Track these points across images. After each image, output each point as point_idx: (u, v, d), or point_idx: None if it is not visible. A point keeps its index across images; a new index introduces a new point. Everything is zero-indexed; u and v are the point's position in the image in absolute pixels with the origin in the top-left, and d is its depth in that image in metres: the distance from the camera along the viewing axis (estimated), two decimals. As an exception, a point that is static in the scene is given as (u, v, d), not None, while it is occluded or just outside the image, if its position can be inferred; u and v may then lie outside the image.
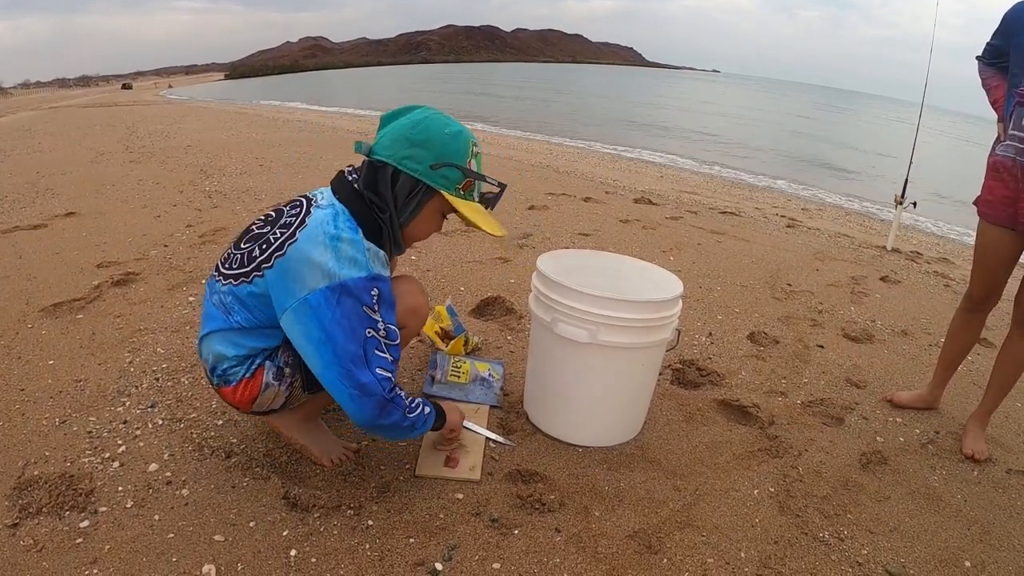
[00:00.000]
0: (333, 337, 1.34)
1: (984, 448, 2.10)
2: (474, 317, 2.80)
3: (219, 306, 1.50)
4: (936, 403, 2.38)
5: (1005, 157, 1.94)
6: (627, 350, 1.80)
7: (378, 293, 1.39)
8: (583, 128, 16.19)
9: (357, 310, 1.36)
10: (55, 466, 1.66)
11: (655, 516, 1.66)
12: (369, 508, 1.59)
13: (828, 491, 1.84)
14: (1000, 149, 1.97)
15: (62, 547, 1.41)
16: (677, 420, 2.12)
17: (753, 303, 3.31)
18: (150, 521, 1.50)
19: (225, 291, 1.49)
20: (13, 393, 1.99)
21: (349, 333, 1.35)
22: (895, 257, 4.81)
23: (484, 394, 2.12)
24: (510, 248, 3.81)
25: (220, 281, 1.51)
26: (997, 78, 2.05)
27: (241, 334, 1.49)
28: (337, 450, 1.75)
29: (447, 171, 1.45)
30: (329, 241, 1.37)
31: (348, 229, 1.40)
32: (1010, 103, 1.93)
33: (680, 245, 4.31)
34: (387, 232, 1.49)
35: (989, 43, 2.06)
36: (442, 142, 1.45)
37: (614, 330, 1.74)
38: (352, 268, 1.37)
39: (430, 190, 1.48)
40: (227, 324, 1.49)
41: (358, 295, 1.36)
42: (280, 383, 1.53)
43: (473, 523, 1.57)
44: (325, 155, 6.78)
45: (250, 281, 1.44)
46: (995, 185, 1.99)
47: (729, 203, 6.59)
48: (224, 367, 1.51)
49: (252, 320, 1.47)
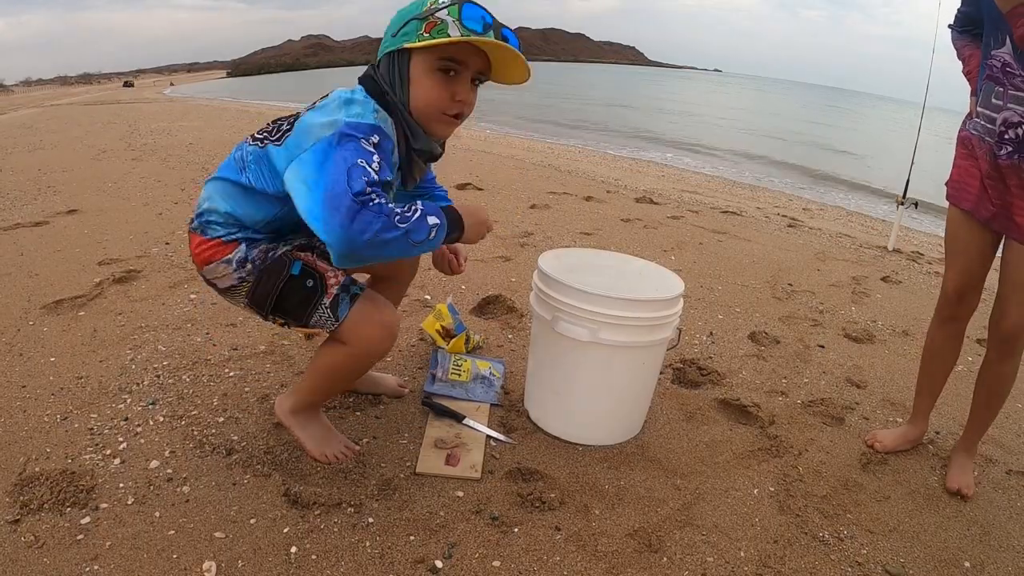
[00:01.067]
0: (325, 173, 1.29)
1: (971, 482, 1.92)
2: (475, 315, 2.80)
3: (238, 161, 1.53)
4: (922, 437, 2.14)
5: (973, 134, 1.81)
6: (628, 349, 1.80)
7: (377, 140, 1.37)
8: (585, 127, 16.18)
9: (355, 147, 1.32)
10: (56, 463, 1.66)
11: (655, 515, 1.66)
12: (369, 506, 1.59)
13: (828, 491, 1.84)
14: (970, 124, 1.83)
15: (63, 543, 1.42)
16: (677, 419, 2.13)
17: (754, 303, 3.31)
18: (151, 518, 1.51)
19: (250, 150, 1.51)
20: (14, 390, 2.00)
21: (340, 166, 1.28)
22: (896, 258, 4.81)
23: (485, 392, 2.12)
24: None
25: (248, 143, 1.54)
26: (971, 47, 1.89)
27: (244, 194, 1.52)
28: (335, 447, 1.74)
29: (406, 28, 1.43)
30: (343, 102, 1.43)
31: (362, 95, 1.45)
32: (980, 76, 1.79)
33: (681, 244, 4.31)
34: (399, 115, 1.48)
35: (960, 10, 1.91)
36: (401, 12, 1.46)
37: (615, 329, 1.74)
38: (356, 117, 1.38)
39: (403, 53, 1.45)
40: (237, 178, 1.52)
41: (356, 134, 1.34)
42: (237, 270, 1.54)
43: (473, 521, 1.57)
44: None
45: (279, 143, 1.45)
46: (962, 164, 1.86)
47: (731, 203, 6.59)
48: (211, 217, 1.54)
49: (261, 183, 1.49)
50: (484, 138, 11.08)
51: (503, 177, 6.11)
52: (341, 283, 1.52)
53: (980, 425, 1.98)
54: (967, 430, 2.00)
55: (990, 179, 1.76)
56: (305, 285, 1.51)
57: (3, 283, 2.83)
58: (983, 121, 1.76)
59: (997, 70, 1.69)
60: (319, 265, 1.54)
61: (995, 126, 1.71)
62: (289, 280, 1.51)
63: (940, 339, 2.02)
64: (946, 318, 1.98)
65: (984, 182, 1.78)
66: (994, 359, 1.88)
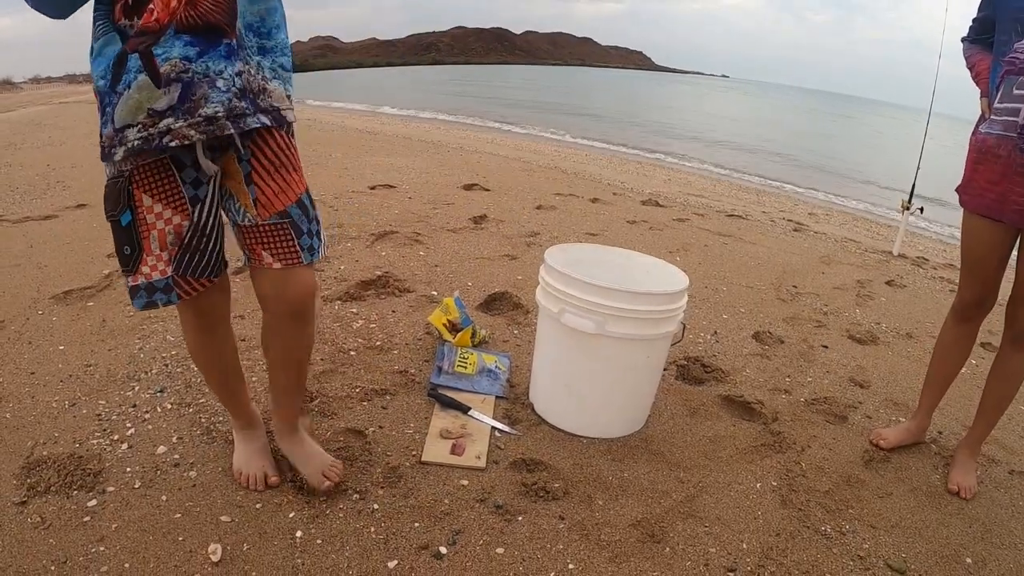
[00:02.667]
0: None
1: (973, 484, 1.91)
2: (481, 311, 2.81)
3: None
4: (924, 434, 2.14)
5: (989, 135, 1.75)
6: (633, 342, 1.81)
7: None
8: (591, 130, 16.21)
9: None
10: (64, 447, 1.68)
11: (658, 506, 1.67)
12: (375, 493, 1.60)
13: (830, 486, 1.85)
14: (984, 127, 1.78)
15: (69, 525, 1.43)
16: (681, 414, 2.13)
17: (758, 304, 3.32)
18: (157, 501, 1.52)
19: None
20: (23, 376, 2.02)
21: None
22: (901, 262, 4.81)
23: (490, 385, 2.13)
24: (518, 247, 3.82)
25: None
26: (981, 53, 1.88)
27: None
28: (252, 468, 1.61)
29: None
30: None
31: None
32: (996, 74, 1.74)
33: (687, 246, 4.32)
34: None
35: (975, 19, 1.90)
36: None
37: (621, 321, 1.76)
38: None
39: None
40: None
41: None
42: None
43: (478, 509, 1.59)
44: (333, 153, 6.80)
45: None
46: (978, 168, 1.80)
47: (736, 206, 6.59)
48: None
49: None
50: (490, 140, 11.10)
51: (510, 178, 6.12)
52: (151, 281, 1.35)
53: (987, 424, 1.97)
54: (973, 429, 2.00)
55: (1018, 175, 1.69)
56: (123, 250, 1.32)
57: (13, 274, 2.86)
58: (1005, 116, 1.70)
59: (1021, 61, 1.65)
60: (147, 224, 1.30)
61: (1019, 118, 1.66)
62: (116, 227, 1.31)
63: (953, 337, 2.02)
64: (961, 319, 1.98)
65: (1009, 181, 1.71)
66: (1008, 351, 1.90)
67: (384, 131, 10.29)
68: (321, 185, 4.90)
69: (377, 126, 11.40)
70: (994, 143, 1.73)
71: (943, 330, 2.06)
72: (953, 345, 2.03)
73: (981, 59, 1.86)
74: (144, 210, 1.28)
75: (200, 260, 1.37)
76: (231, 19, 1.21)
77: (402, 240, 3.68)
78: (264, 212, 1.35)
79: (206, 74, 1.19)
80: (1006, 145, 1.70)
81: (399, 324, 2.57)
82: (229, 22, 1.20)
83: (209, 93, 1.20)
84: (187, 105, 1.19)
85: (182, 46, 1.17)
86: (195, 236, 1.35)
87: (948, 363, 2.06)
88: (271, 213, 1.35)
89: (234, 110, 1.23)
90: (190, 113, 1.19)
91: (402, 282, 3.00)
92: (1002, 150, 1.71)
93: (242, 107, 1.25)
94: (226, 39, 1.21)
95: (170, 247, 1.32)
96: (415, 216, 4.27)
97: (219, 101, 1.21)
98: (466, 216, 4.38)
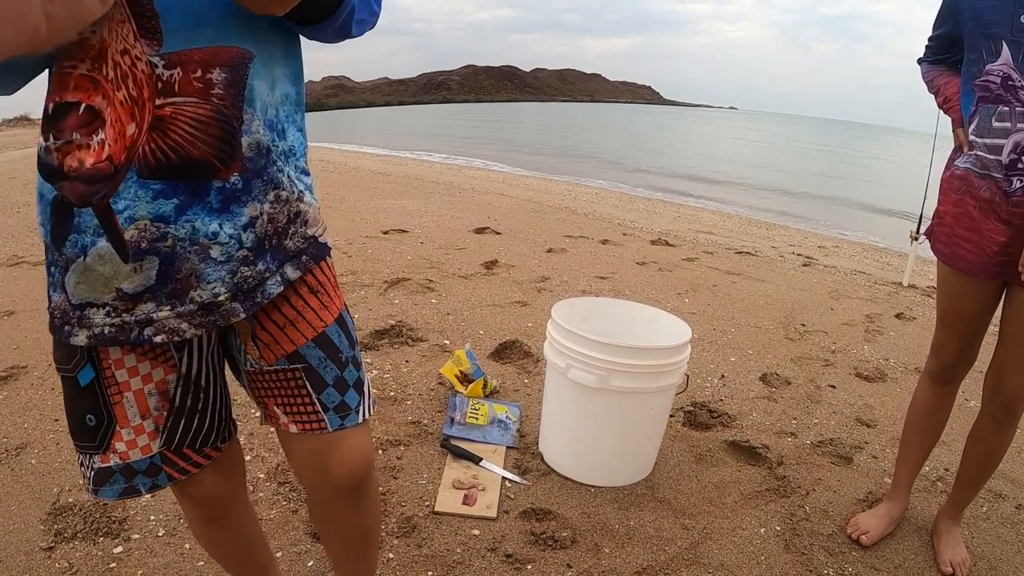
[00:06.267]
0: None
1: (966, 557, 1.74)
2: (492, 360, 2.89)
3: None
4: (902, 514, 1.91)
5: (970, 171, 1.51)
6: (637, 394, 1.88)
7: None
8: (601, 168, 16.41)
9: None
10: (89, 494, 1.77)
11: (663, 553, 1.73)
12: (390, 542, 1.68)
13: (834, 529, 1.89)
14: (962, 161, 1.54)
15: (96, 570, 1.52)
16: (687, 461, 2.19)
17: (766, 344, 3.37)
18: (181, 549, 1.61)
19: None
20: (47, 423, 2.12)
21: None
22: (911, 293, 4.84)
23: (501, 435, 2.21)
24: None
25: None
26: (946, 76, 1.65)
27: None
28: None
29: None
30: None
31: None
32: (969, 101, 1.51)
33: (695, 287, 4.39)
34: None
35: (931, 37, 1.66)
36: None
37: (624, 375, 1.84)
38: None
39: None
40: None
41: None
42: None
43: (488, 558, 1.65)
44: (348, 196, 6.97)
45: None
46: (954, 211, 1.56)
47: (746, 242, 6.66)
48: None
49: None
50: (502, 180, 11.28)
51: (520, 221, 6.24)
52: (129, 463, 0.95)
53: (970, 489, 1.79)
54: (954, 495, 1.82)
55: (1000, 222, 1.46)
56: (84, 421, 0.93)
57: (35, 318, 2.97)
58: (984, 153, 1.47)
59: (996, 86, 1.42)
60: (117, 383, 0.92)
61: (1002, 155, 1.42)
62: (71, 387, 0.93)
63: (931, 403, 1.80)
64: (938, 379, 1.76)
65: (991, 229, 1.48)
66: (990, 426, 1.67)
67: (396, 172, 10.49)
68: (335, 230, 5.04)
69: (389, 167, 11.63)
70: (974, 180, 1.50)
71: (917, 396, 1.84)
72: (931, 414, 1.81)
73: (947, 82, 1.64)
74: (112, 363, 0.91)
75: (201, 425, 1.00)
76: (226, 146, 0.81)
77: (415, 287, 3.78)
78: (270, 354, 0.96)
79: (193, 240, 0.82)
80: (989, 187, 1.47)
81: (412, 375, 2.66)
82: (220, 152, 0.81)
83: (201, 269, 0.84)
84: (171, 287, 0.83)
85: (150, 199, 0.79)
86: (187, 393, 0.97)
87: (925, 433, 1.83)
88: (277, 356, 0.96)
89: (244, 284, 0.88)
90: (177, 298, 0.84)
91: (415, 331, 3.10)
92: (984, 192, 1.48)
93: (257, 272, 0.89)
94: (217, 181, 0.82)
95: (154, 413, 0.94)
96: (427, 262, 4.38)
97: (218, 279, 0.85)
98: (477, 261, 4.49)
